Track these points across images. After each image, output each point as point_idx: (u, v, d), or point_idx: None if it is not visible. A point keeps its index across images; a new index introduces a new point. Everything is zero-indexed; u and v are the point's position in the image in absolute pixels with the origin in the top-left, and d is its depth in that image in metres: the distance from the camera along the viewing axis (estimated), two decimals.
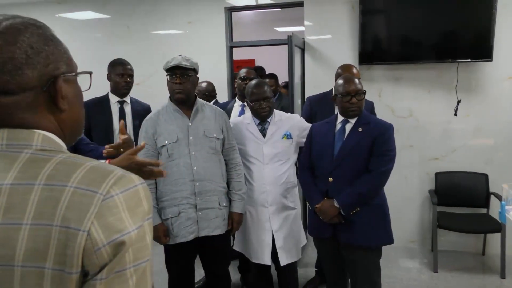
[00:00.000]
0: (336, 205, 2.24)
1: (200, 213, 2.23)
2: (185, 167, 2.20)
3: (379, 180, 2.26)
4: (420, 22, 3.62)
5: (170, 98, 2.30)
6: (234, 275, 3.38)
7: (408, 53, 3.71)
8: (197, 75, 2.29)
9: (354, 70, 3.15)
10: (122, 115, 2.86)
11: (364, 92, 2.30)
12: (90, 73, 0.88)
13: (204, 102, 2.39)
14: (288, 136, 2.53)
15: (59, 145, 0.76)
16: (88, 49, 4.68)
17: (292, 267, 2.74)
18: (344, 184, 2.25)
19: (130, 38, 4.55)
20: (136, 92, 3.31)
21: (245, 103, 3.10)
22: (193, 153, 2.22)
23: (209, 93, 3.63)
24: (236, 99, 3.21)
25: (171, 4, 4.39)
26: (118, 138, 2.74)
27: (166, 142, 2.21)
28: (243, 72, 3.16)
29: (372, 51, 3.78)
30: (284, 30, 6.38)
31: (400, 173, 3.93)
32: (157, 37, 4.49)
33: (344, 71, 3.10)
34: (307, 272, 3.44)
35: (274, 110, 2.60)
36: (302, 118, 2.69)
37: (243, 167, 2.47)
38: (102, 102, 2.88)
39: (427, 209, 3.95)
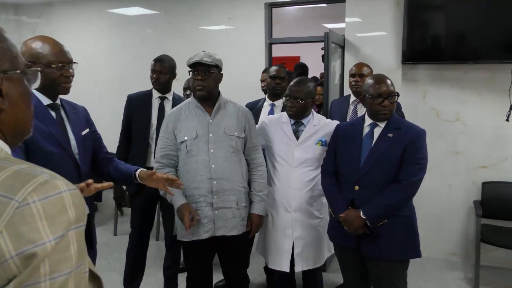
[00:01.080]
0: (362, 216, 2.11)
1: (216, 212, 2.19)
2: (203, 165, 2.17)
3: (410, 191, 2.10)
4: (475, 19, 3.35)
5: (194, 94, 2.28)
6: (261, 275, 3.34)
7: (459, 52, 3.45)
8: (220, 72, 2.26)
9: (367, 69, 3.01)
10: (161, 111, 2.88)
11: (397, 95, 2.15)
12: (39, 71, 0.85)
13: (228, 99, 2.35)
14: (323, 143, 2.41)
15: None
16: (136, 44, 4.81)
17: (315, 273, 2.65)
18: (371, 194, 2.11)
19: (173, 34, 4.62)
20: (178, 87, 3.35)
21: (274, 103, 3.05)
22: (212, 150, 2.19)
23: None
24: (266, 97, 3.14)
25: (211, 0, 4.40)
26: (154, 134, 2.83)
27: (186, 138, 2.19)
28: (273, 70, 3.08)
29: (418, 50, 3.55)
30: (332, 26, 6.20)
31: (443, 181, 3.69)
32: (198, 33, 4.52)
33: (358, 70, 2.98)
34: (337, 277, 3.32)
35: (314, 113, 2.49)
36: None
37: (265, 168, 2.40)
38: (144, 97, 2.92)
39: (472, 220, 3.66)
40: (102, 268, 3.52)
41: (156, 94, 2.92)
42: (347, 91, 3.72)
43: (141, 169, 1.90)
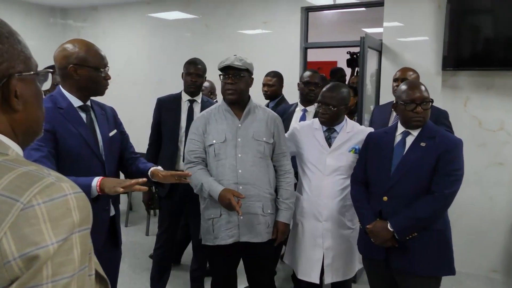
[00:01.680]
0: (390, 228, 2.02)
1: (241, 218, 2.17)
2: (230, 169, 2.16)
3: (442, 204, 1.99)
4: None
5: (224, 97, 2.29)
6: (289, 283, 3.30)
7: (506, 58, 3.26)
8: (251, 76, 2.25)
9: (412, 74, 2.89)
10: (190, 114, 2.90)
11: (431, 101, 2.05)
12: (52, 72, 0.85)
13: (258, 104, 2.34)
14: (356, 150, 2.33)
15: (4, 147, 0.73)
16: (173, 47, 4.92)
17: (345, 285, 2.57)
18: (400, 205, 2.02)
19: (210, 37, 4.68)
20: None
21: (307, 108, 3.00)
22: (239, 155, 2.17)
23: (214, 92, 3.64)
24: (298, 103, 3.10)
25: (248, 3, 4.42)
26: (184, 136, 2.87)
27: (214, 141, 2.19)
28: (306, 76, 3.03)
29: (460, 55, 3.39)
30: (370, 31, 6.07)
31: (484, 193, 3.50)
32: (234, 37, 4.55)
33: (402, 74, 2.86)
34: None
35: (348, 120, 2.43)
36: None
37: (293, 176, 2.36)
38: (174, 99, 2.96)
39: None
40: (133, 267, 3.61)
41: (185, 97, 2.94)
42: (384, 97, 3.62)
43: (155, 167, 1.92)
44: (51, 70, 0.87)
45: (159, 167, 1.93)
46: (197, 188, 2.19)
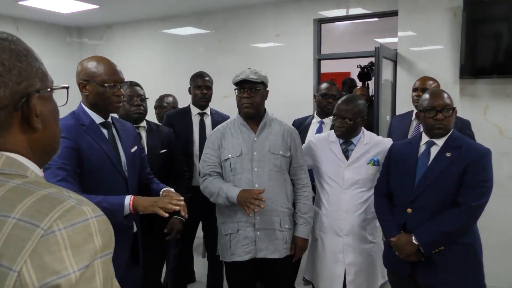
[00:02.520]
0: (415, 241, 1.96)
1: (258, 233, 2.14)
2: (247, 183, 2.13)
3: (470, 217, 1.91)
4: None
5: (240, 111, 2.27)
6: None
7: None
8: (266, 88, 2.23)
9: (432, 83, 2.84)
10: (202, 127, 2.90)
11: (453, 109, 2.00)
12: (67, 88, 0.83)
13: (274, 117, 2.31)
14: (375, 162, 2.29)
15: (23, 168, 0.71)
16: (187, 62, 4.95)
17: None
18: (425, 217, 1.96)
19: (223, 52, 4.70)
20: (225, 105, 3.38)
21: (323, 120, 2.97)
22: (256, 169, 2.15)
23: (176, 106, 3.62)
24: (315, 115, 3.07)
25: (260, 17, 4.44)
26: (198, 150, 2.86)
27: (230, 155, 2.17)
28: (324, 88, 3.00)
29: (478, 63, 3.33)
30: (384, 41, 6.02)
31: (509, 204, 3.39)
32: (246, 50, 4.56)
33: (422, 84, 2.81)
34: None
35: (364, 131, 2.38)
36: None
37: (311, 189, 2.31)
38: (183, 114, 2.95)
39: None
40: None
41: (195, 111, 2.93)
42: (400, 107, 3.57)
43: (167, 188, 1.91)
44: (67, 86, 0.84)
45: (171, 189, 1.92)
46: (213, 195, 2.15)
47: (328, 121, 2.94)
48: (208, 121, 2.94)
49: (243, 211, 2.11)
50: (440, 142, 2.00)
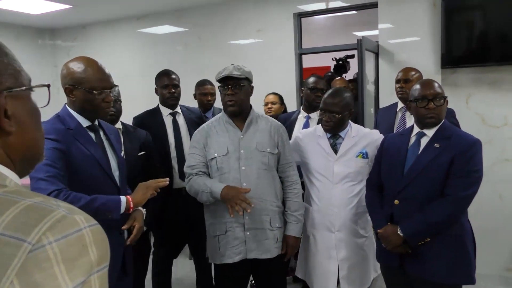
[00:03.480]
0: (400, 233, 1.94)
1: (248, 233, 2.08)
2: (234, 183, 2.06)
3: (456, 207, 1.88)
4: None
5: (224, 109, 2.20)
6: None
7: (504, 53, 3.22)
8: (251, 84, 2.17)
9: (414, 73, 2.83)
10: (176, 127, 2.78)
11: (444, 98, 1.96)
12: (48, 86, 0.75)
13: (260, 113, 2.25)
14: (364, 155, 2.25)
15: (0, 177, 0.64)
16: (166, 61, 4.83)
17: None
18: (412, 209, 1.93)
19: (203, 49, 4.61)
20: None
21: (310, 115, 2.92)
22: (243, 168, 2.08)
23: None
24: (301, 109, 3.01)
25: (240, 12, 4.37)
26: (174, 151, 2.73)
27: (216, 154, 2.11)
28: (312, 82, 2.94)
29: (458, 53, 3.35)
30: (363, 34, 6.03)
31: (493, 190, 3.43)
32: (227, 47, 4.49)
33: (404, 75, 2.82)
34: None
35: (351, 123, 2.34)
36: (382, 135, 2.35)
37: (300, 186, 2.26)
38: (153, 115, 2.81)
39: None
40: None
41: (165, 111, 2.81)
42: (383, 99, 3.57)
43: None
44: (48, 84, 0.76)
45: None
46: (198, 193, 2.07)
47: (315, 115, 2.90)
48: (181, 119, 2.82)
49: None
50: (430, 133, 1.98)
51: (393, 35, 3.65)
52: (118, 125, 2.35)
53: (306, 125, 2.88)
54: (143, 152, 2.37)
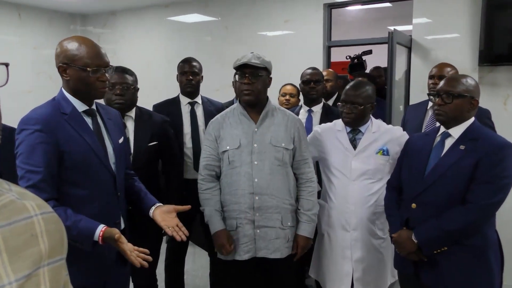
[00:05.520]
0: (414, 239, 1.81)
1: (258, 231, 2.00)
2: (246, 177, 1.99)
3: (477, 216, 1.72)
4: None
5: (240, 99, 2.12)
6: None
7: None
8: (269, 75, 2.07)
9: (450, 70, 2.65)
10: (193, 117, 2.72)
11: (456, 95, 1.77)
12: (6, 65, 0.67)
13: (277, 106, 2.16)
14: (384, 152, 2.14)
15: None
16: (193, 50, 4.79)
17: None
18: (430, 214, 1.79)
19: (230, 40, 4.54)
20: (232, 94, 3.22)
21: (312, 109, 2.79)
22: (255, 162, 2.00)
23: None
24: (303, 104, 2.88)
25: (268, 2, 4.26)
26: (189, 142, 2.68)
27: (228, 147, 2.03)
28: (306, 74, 2.79)
29: (498, 50, 3.13)
30: (398, 28, 5.80)
31: None
32: (254, 37, 4.40)
33: (439, 71, 2.65)
34: None
35: (373, 119, 2.23)
36: (405, 132, 2.25)
37: (316, 184, 2.17)
38: (172, 104, 2.76)
39: None
40: None
41: (184, 100, 2.75)
42: (414, 96, 3.39)
43: (158, 205, 1.73)
44: (7, 63, 0.68)
45: (162, 205, 1.73)
46: (203, 210, 2.10)
47: (317, 108, 2.78)
48: (199, 110, 2.75)
49: (241, 208, 1.99)
50: (456, 133, 1.82)
51: (428, 29, 3.46)
52: (131, 113, 2.28)
53: (309, 119, 2.76)
54: (154, 143, 2.28)
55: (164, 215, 1.65)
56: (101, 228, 1.44)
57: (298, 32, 4.11)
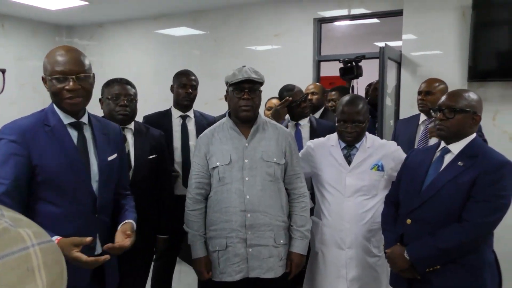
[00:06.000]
0: (406, 256, 1.76)
1: (250, 250, 1.92)
2: (237, 194, 1.92)
3: (472, 235, 1.66)
4: None
5: (229, 114, 2.06)
6: None
7: None
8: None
9: (438, 85, 2.64)
10: (184, 131, 2.65)
11: (458, 110, 1.73)
12: (3, 71, 0.62)
13: (268, 120, 2.11)
14: (379, 167, 2.10)
15: None
16: (181, 64, 4.74)
17: None
18: (424, 231, 1.74)
19: (219, 54, 4.51)
20: (221, 108, 3.16)
21: (300, 122, 2.72)
22: (246, 178, 1.93)
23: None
24: (289, 119, 2.79)
25: (258, 16, 4.26)
26: (180, 157, 2.60)
27: (218, 163, 1.96)
28: (284, 90, 2.73)
29: (487, 66, 3.15)
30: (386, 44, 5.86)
31: None
32: (243, 51, 4.37)
33: (427, 86, 2.64)
34: None
35: (367, 134, 2.19)
36: (399, 147, 2.21)
37: (308, 200, 2.11)
38: (163, 116, 2.69)
39: None
40: None
41: (176, 113, 2.68)
42: (404, 111, 3.39)
43: (124, 222, 1.62)
44: (3, 69, 0.64)
45: (126, 225, 1.61)
46: (187, 231, 2.05)
47: (305, 122, 2.72)
48: (191, 124, 2.69)
49: (232, 226, 1.92)
50: (456, 149, 1.78)
51: (417, 44, 3.47)
52: (131, 125, 2.22)
53: (298, 133, 2.69)
54: (153, 156, 2.22)
55: (119, 233, 1.55)
56: (56, 238, 1.33)
57: (288, 46, 4.10)
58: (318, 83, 3.62)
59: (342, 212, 2.09)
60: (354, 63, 3.62)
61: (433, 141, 2.62)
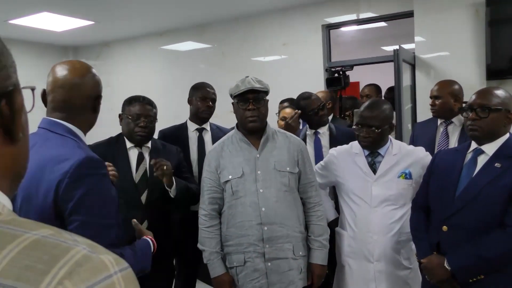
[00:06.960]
0: (447, 266, 1.65)
1: (269, 264, 1.84)
2: (252, 208, 1.85)
3: None
4: None
5: (237, 126, 2.00)
6: None
7: None
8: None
9: (447, 88, 2.54)
10: (201, 144, 2.60)
11: (493, 109, 1.64)
12: (32, 89, 0.60)
13: (277, 129, 2.04)
14: (407, 175, 2.00)
15: None
16: (188, 79, 4.69)
17: None
18: (463, 238, 1.64)
19: (226, 67, 4.46)
20: (230, 121, 3.07)
21: (319, 130, 2.65)
22: (261, 190, 1.86)
23: None
24: (307, 126, 2.72)
25: (265, 26, 4.21)
26: (197, 171, 2.52)
27: (230, 177, 1.89)
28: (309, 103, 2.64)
29: (506, 64, 3.05)
30: (393, 48, 5.78)
31: None
32: (251, 63, 4.32)
33: (437, 90, 2.55)
34: None
35: (393, 140, 2.10)
36: (428, 153, 2.10)
37: (324, 208, 2.03)
38: (180, 131, 2.65)
39: None
40: None
41: (192, 127, 2.64)
42: (422, 113, 3.29)
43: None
44: (34, 87, 0.62)
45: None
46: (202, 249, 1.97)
47: (324, 130, 2.65)
48: (207, 137, 2.64)
49: (249, 241, 1.84)
50: (490, 150, 1.68)
51: (431, 46, 3.39)
52: (148, 144, 2.19)
53: (317, 142, 2.63)
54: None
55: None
56: (149, 238, 1.40)
57: (297, 55, 4.04)
58: (326, 90, 3.53)
59: (369, 223, 2.00)
60: (341, 73, 3.52)
61: (453, 143, 2.52)
